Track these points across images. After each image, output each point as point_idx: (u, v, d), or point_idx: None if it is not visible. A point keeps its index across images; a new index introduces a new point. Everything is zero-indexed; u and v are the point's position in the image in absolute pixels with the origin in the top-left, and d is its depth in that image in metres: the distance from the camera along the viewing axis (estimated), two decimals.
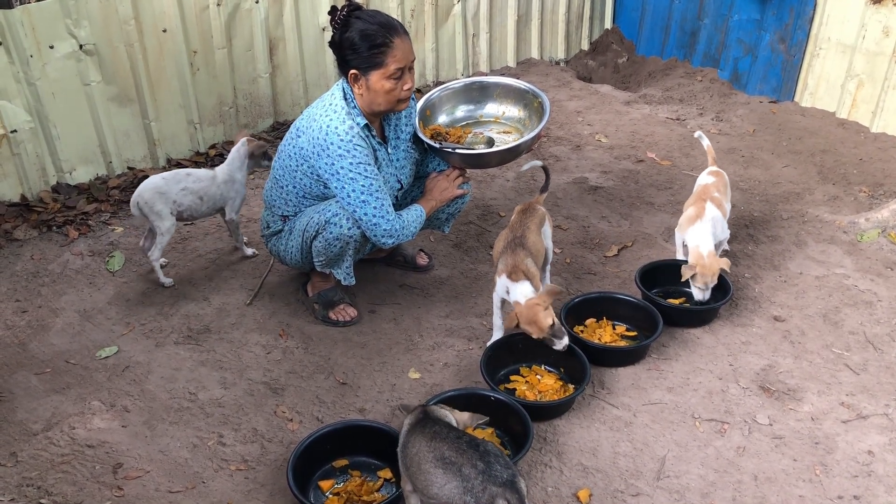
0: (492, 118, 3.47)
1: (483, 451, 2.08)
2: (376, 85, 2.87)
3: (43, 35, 3.84)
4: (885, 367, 3.05)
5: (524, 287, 2.86)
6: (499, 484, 2.00)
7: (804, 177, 4.59)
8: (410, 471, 2.18)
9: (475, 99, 3.50)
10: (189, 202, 3.43)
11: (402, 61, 2.86)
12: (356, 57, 2.84)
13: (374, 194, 2.92)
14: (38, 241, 3.81)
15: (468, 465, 2.05)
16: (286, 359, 3.10)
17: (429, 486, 2.10)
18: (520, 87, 3.44)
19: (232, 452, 2.64)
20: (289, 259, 3.24)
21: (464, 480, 2.03)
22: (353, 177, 2.89)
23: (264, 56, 4.82)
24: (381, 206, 2.94)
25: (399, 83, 2.89)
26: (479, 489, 2.00)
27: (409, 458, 2.18)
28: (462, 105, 3.50)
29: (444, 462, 2.08)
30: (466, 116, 3.50)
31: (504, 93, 3.47)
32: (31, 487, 2.45)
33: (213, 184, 3.49)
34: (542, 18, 6.43)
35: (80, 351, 3.11)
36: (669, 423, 2.78)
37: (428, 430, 2.19)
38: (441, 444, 2.13)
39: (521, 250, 2.97)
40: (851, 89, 5.21)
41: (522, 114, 3.43)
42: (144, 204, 3.36)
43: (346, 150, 2.86)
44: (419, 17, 5.64)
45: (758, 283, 3.57)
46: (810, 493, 2.49)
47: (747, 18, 5.69)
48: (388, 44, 2.82)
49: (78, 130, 4.13)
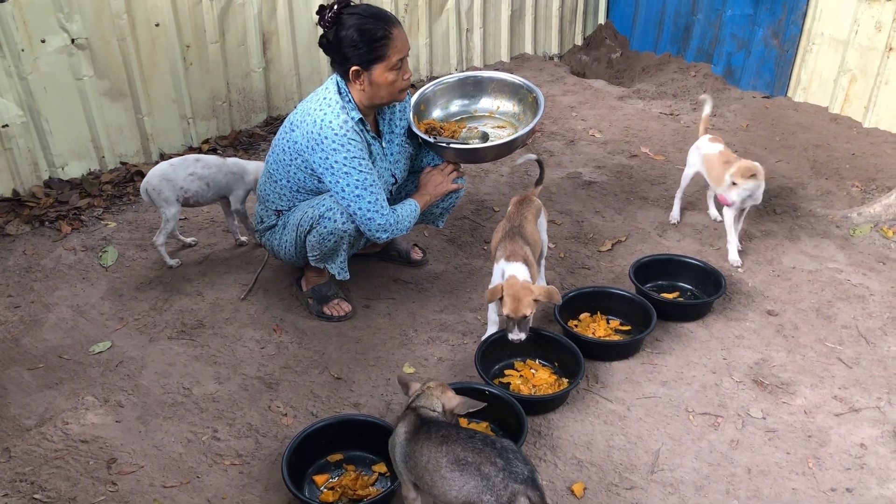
0: (486, 113, 3.46)
1: (501, 448, 2.03)
2: (379, 78, 2.87)
3: (34, 29, 3.81)
4: (877, 360, 3.06)
5: (520, 267, 2.86)
6: (520, 481, 1.95)
7: (797, 172, 4.60)
8: (424, 480, 2.10)
9: (470, 94, 3.49)
10: (196, 188, 3.47)
11: (402, 51, 2.86)
12: (357, 53, 2.83)
13: (368, 188, 2.91)
14: (31, 236, 3.79)
15: (487, 463, 1.99)
16: (280, 354, 3.10)
17: (448, 491, 2.03)
18: (514, 82, 3.42)
19: (226, 447, 2.64)
20: (283, 254, 3.24)
21: (483, 479, 1.97)
22: (348, 171, 2.88)
23: (257, 50, 4.80)
24: (375, 200, 2.94)
25: (400, 73, 2.89)
26: (501, 487, 1.94)
27: (421, 467, 2.10)
28: (456, 100, 3.48)
29: (460, 464, 2.02)
30: (461, 111, 3.48)
31: (499, 87, 3.45)
32: (24, 483, 2.45)
33: (220, 171, 3.51)
34: (535, 13, 6.43)
35: (74, 346, 3.10)
36: (663, 416, 2.79)
37: (435, 435, 2.12)
38: (454, 446, 2.06)
39: (519, 238, 2.98)
40: (844, 84, 5.23)
41: (517, 108, 3.41)
42: (153, 190, 3.41)
43: (340, 145, 2.86)
44: (413, 12, 5.63)
45: (751, 278, 3.58)
46: (803, 486, 2.50)
47: (741, 13, 5.70)
48: (388, 36, 2.81)
49: (70, 125, 4.11)
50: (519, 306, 2.74)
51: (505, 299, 2.77)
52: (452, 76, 3.51)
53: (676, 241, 3.88)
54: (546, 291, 2.81)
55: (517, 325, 2.78)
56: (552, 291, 2.81)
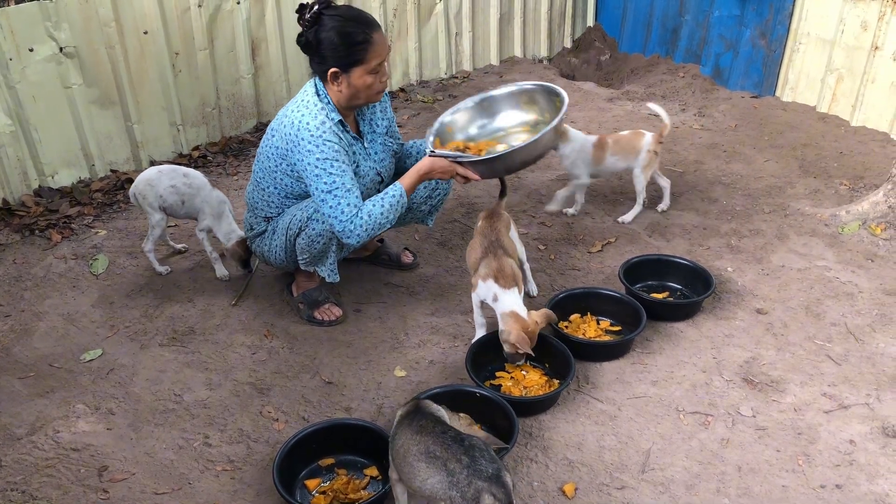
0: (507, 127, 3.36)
1: (468, 446, 2.07)
2: (358, 81, 2.87)
3: (22, 38, 3.82)
4: (865, 357, 3.08)
5: (515, 297, 2.87)
6: (484, 479, 1.99)
7: (786, 171, 4.62)
8: (396, 462, 2.18)
9: (487, 113, 3.38)
10: (172, 201, 3.45)
11: (381, 55, 2.86)
12: (336, 56, 2.83)
13: (332, 192, 2.87)
14: (21, 245, 3.78)
15: (453, 459, 2.04)
16: (272, 359, 3.10)
17: (412, 479, 2.10)
18: (528, 88, 3.34)
19: (218, 453, 2.64)
20: (273, 259, 3.24)
21: (449, 475, 2.02)
22: (318, 173, 2.87)
23: (246, 57, 4.81)
24: (337, 204, 2.88)
25: (378, 76, 2.90)
26: (465, 483, 1.99)
27: (395, 449, 2.18)
28: (476, 121, 3.37)
29: (428, 456, 2.08)
30: (481, 133, 3.35)
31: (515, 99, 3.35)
32: (15, 492, 2.44)
33: (199, 196, 3.48)
34: (524, 17, 6.45)
35: (65, 354, 3.10)
36: (654, 416, 2.80)
37: (415, 424, 2.19)
38: (426, 438, 2.12)
39: (501, 252, 2.98)
40: (831, 83, 5.26)
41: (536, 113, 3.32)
42: (139, 194, 3.44)
43: (315, 146, 2.86)
44: (402, 16, 5.64)
45: (741, 277, 3.59)
46: (793, 483, 2.51)
47: (728, 14, 5.73)
48: (369, 40, 2.81)
49: (59, 133, 4.11)
50: (521, 347, 2.79)
51: (509, 338, 2.81)
52: (468, 101, 3.38)
53: (666, 241, 3.90)
54: (545, 316, 2.87)
55: (513, 357, 2.88)
56: (549, 314, 2.88)
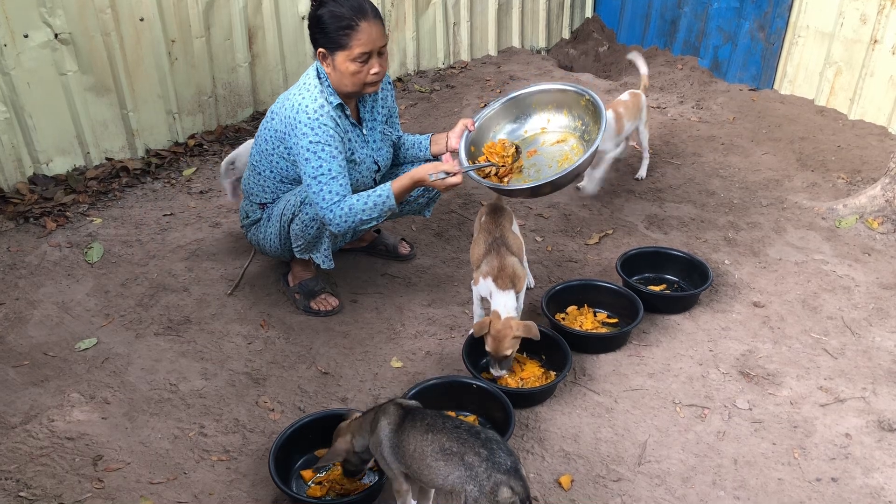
0: (539, 130, 3.26)
1: (485, 439, 2.05)
2: (341, 66, 2.85)
3: (17, 24, 3.78)
4: (862, 351, 3.08)
5: (509, 299, 2.84)
6: (503, 471, 1.98)
7: (783, 164, 4.62)
8: (412, 468, 2.13)
9: (516, 116, 3.29)
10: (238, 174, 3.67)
11: (367, 45, 2.82)
12: (323, 36, 2.84)
13: (318, 178, 2.86)
14: (15, 232, 3.76)
15: (471, 453, 2.02)
16: (267, 349, 3.09)
17: (434, 479, 2.07)
18: (558, 88, 3.23)
19: (213, 443, 2.63)
20: (268, 247, 3.22)
21: (467, 469, 2.00)
22: (308, 157, 2.86)
23: (243, 45, 4.78)
24: (320, 189, 2.86)
25: (366, 67, 2.86)
26: (484, 477, 1.98)
27: (409, 455, 2.13)
28: (505, 125, 3.29)
29: (445, 453, 2.05)
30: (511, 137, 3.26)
31: (543, 100, 3.25)
32: (9, 481, 2.43)
33: None
34: (522, 7, 6.42)
35: (59, 343, 3.08)
36: (650, 408, 2.80)
37: (420, 424, 2.15)
38: (439, 436, 2.09)
39: (504, 250, 2.95)
40: (830, 77, 5.25)
41: (570, 118, 3.21)
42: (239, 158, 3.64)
43: (309, 129, 2.85)
44: (399, 6, 5.61)
45: (738, 270, 3.59)
46: (789, 476, 2.51)
47: (727, 7, 5.71)
48: (354, 27, 2.78)
49: (54, 121, 4.08)
50: (500, 347, 2.75)
51: (487, 339, 2.78)
52: (495, 103, 3.28)
53: (663, 233, 3.89)
54: (525, 327, 2.77)
55: (499, 363, 2.81)
56: (530, 327, 2.78)
